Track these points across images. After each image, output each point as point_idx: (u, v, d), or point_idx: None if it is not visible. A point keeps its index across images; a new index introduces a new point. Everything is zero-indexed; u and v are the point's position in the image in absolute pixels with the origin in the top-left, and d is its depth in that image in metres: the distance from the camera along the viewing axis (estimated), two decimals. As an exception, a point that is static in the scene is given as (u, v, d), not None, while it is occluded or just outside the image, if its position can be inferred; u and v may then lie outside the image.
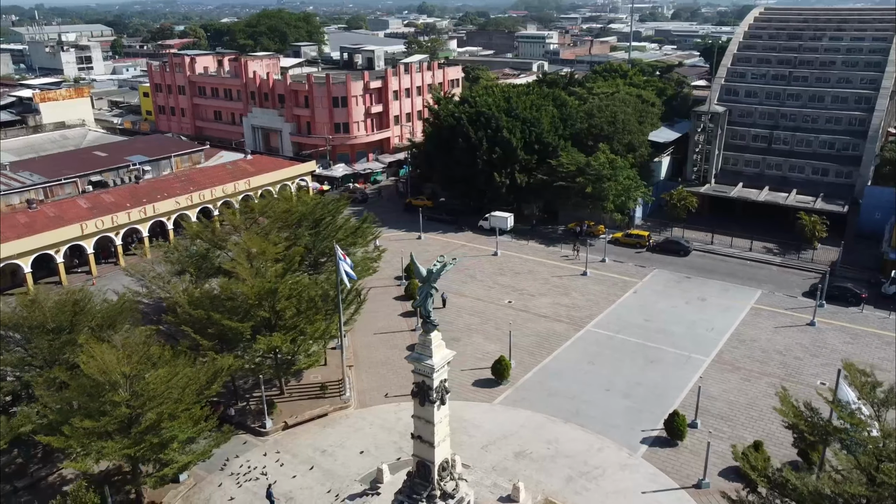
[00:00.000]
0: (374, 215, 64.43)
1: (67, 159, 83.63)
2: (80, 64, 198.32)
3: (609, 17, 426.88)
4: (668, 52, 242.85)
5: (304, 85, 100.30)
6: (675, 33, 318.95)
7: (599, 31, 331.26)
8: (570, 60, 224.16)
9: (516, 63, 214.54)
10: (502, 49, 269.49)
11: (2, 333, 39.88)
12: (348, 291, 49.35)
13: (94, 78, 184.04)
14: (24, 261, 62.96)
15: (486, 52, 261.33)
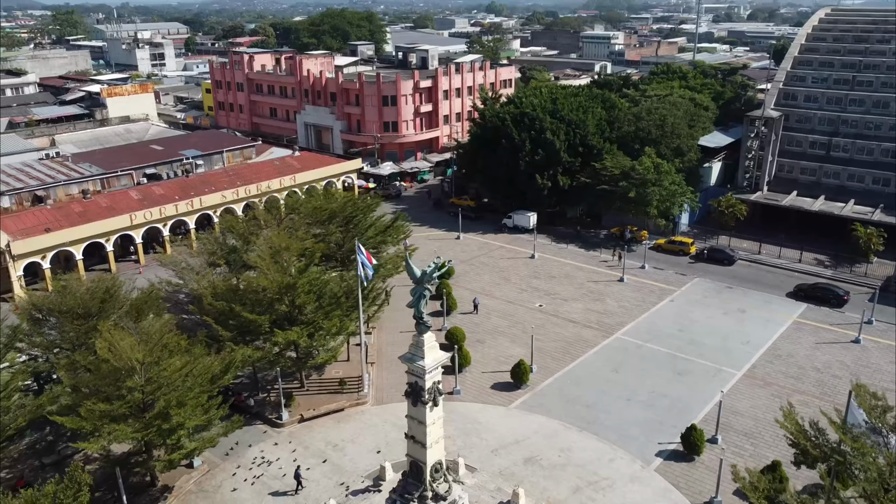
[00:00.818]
0: (406, 214, 64.85)
1: (125, 152, 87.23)
2: (154, 60, 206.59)
3: (680, 18, 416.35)
4: (739, 53, 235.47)
5: (356, 83, 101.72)
6: (749, 34, 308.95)
7: (669, 32, 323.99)
8: (635, 62, 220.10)
9: (578, 64, 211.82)
10: (567, 49, 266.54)
11: (38, 316, 42.01)
12: (368, 289, 49.84)
13: (165, 74, 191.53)
14: (76, 248, 66.03)
15: (550, 53, 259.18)
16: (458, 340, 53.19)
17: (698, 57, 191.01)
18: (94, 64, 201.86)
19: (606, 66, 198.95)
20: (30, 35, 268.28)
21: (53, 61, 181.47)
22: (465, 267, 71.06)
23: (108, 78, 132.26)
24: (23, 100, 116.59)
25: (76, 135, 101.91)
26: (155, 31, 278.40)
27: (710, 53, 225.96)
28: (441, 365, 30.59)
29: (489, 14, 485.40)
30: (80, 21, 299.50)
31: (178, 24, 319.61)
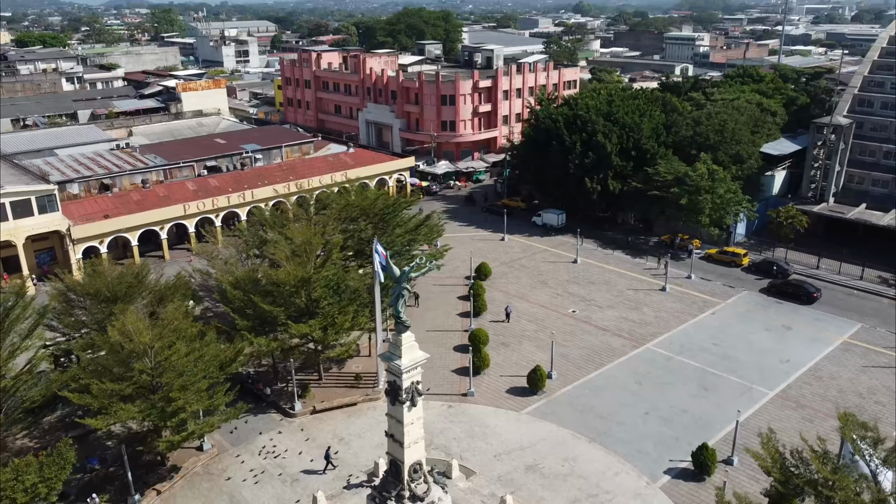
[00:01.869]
0: (445, 213, 64.91)
1: (190, 145, 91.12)
2: (238, 57, 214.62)
3: (776, 19, 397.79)
4: (835, 57, 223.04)
5: (416, 82, 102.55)
6: (850, 36, 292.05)
7: (762, 34, 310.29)
8: (720, 64, 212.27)
9: (658, 65, 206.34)
10: (649, 51, 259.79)
11: (71, 297, 44.52)
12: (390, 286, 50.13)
13: (248, 70, 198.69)
14: (132, 234, 69.52)
15: (632, 54, 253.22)
16: (479, 342, 52.89)
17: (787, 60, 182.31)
18: (182, 60, 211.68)
19: (688, 69, 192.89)
20: (128, 32, 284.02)
21: (145, 57, 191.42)
22: (504, 269, 70.51)
23: (185, 73, 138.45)
24: (108, 93, 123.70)
25: (151, 127, 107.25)
26: (244, 28, 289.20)
27: (802, 56, 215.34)
28: (419, 365, 30.39)
29: (576, 14, 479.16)
30: (176, 19, 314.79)
31: (267, 23, 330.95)
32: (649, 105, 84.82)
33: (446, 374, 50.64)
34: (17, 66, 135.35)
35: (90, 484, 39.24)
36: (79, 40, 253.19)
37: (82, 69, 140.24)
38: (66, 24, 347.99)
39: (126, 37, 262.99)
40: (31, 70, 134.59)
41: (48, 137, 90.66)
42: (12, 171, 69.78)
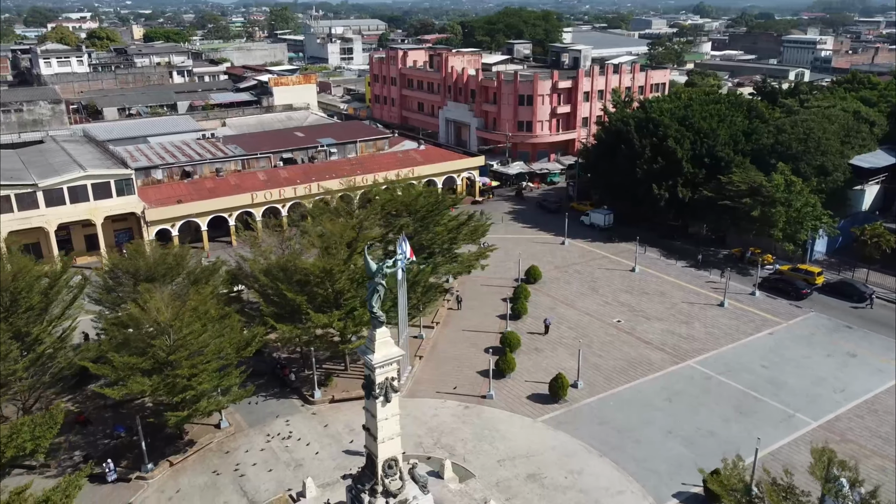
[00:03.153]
0: (488, 213, 64.41)
1: (270, 137, 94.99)
2: (343, 55, 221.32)
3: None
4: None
5: (494, 82, 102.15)
6: None
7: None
8: (843, 69, 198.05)
9: (771, 70, 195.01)
10: (765, 54, 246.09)
11: (117, 274, 47.60)
12: (419, 284, 50.41)
13: (350, 68, 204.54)
14: (202, 220, 73.35)
15: (747, 57, 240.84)
16: (509, 345, 52.28)
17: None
18: (290, 56, 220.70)
19: (803, 74, 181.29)
20: (245, 29, 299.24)
21: (255, 52, 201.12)
22: (557, 273, 69.09)
23: (279, 69, 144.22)
24: (208, 86, 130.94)
25: (243, 119, 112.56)
26: (354, 27, 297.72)
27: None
28: (394, 361, 30.33)
29: (695, 15, 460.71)
30: (292, 17, 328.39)
31: (378, 21, 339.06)
32: (731, 110, 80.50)
33: (471, 375, 50.26)
34: (135, 59, 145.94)
35: (114, 449, 41.82)
36: (202, 36, 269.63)
37: (192, 63, 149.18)
38: (196, 21, 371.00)
39: (243, 33, 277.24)
40: (147, 63, 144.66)
41: (143, 126, 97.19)
42: (99, 156, 75.34)
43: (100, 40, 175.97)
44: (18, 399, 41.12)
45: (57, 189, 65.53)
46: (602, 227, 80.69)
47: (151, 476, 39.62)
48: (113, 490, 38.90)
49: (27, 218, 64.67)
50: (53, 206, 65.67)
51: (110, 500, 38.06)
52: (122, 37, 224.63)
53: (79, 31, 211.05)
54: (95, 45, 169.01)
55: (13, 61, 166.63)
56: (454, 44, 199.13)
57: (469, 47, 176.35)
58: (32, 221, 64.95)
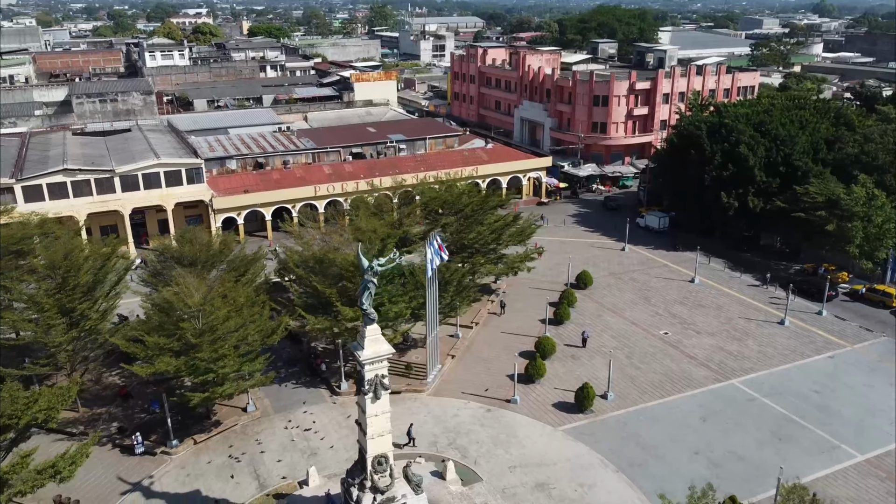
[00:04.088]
0: (542, 215, 63.39)
1: (342, 132, 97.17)
2: (435, 52, 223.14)
3: None
4: None
5: (569, 81, 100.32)
6: None
7: None
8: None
9: (888, 74, 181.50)
10: (885, 57, 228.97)
11: (167, 258, 50.11)
12: (453, 283, 50.33)
13: (439, 65, 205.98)
14: (266, 210, 76.05)
15: (863, 60, 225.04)
16: (543, 351, 51.40)
17: None
18: (384, 52, 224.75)
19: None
20: (343, 26, 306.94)
21: (349, 49, 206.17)
22: (611, 280, 67.20)
23: (362, 65, 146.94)
24: (297, 80, 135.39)
25: (324, 113, 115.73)
26: (451, 24, 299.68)
27: None
28: (384, 359, 30.45)
29: (814, 14, 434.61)
30: (391, 14, 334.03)
31: (476, 19, 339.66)
32: (815, 117, 75.66)
33: (501, 379, 49.67)
34: (232, 53, 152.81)
35: (147, 424, 44.09)
36: (304, 31, 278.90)
37: (285, 58, 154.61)
38: (302, 17, 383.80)
39: (342, 30, 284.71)
40: (242, 58, 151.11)
41: (225, 118, 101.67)
42: (176, 145, 79.47)
43: (203, 35, 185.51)
44: (66, 370, 44.04)
45: (132, 175, 69.71)
46: (657, 229, 79.33)
47: (175, 452, 41.54)
48: (139, 462, 41.06)
49: (105, 201, 69.11)
50: (129, 191, 69.87)
51: (135, 471, 40.19)
52: (232, 32, 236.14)
53: (187, 27, 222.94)
54: (198, 40, 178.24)
55: (126, 54, 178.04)
56: (547, 42, 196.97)
57: (561, 46, 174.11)
58: (109, 205, 69.35)
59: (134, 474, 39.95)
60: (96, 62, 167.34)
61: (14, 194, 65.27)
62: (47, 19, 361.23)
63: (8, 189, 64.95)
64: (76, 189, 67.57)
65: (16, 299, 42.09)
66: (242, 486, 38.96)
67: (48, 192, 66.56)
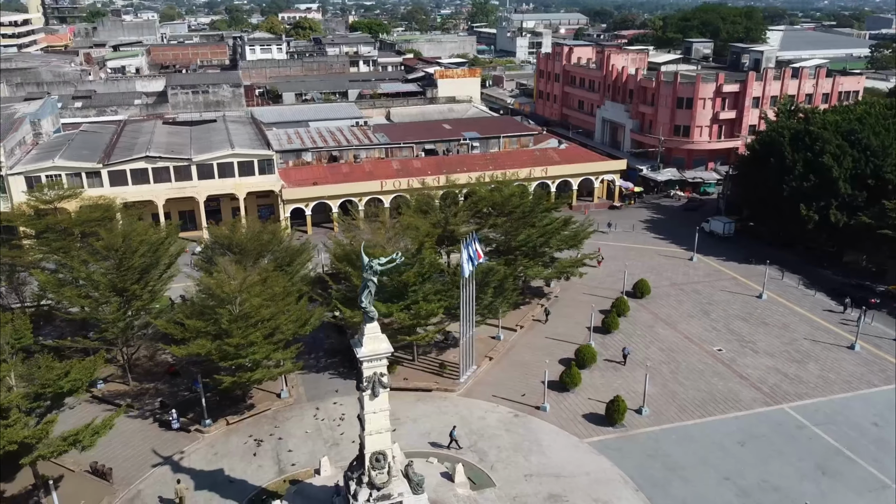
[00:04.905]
0: (603, 221, 61.77)
1: (417, 127, 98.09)
2: (532, 49, 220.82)
3: None
4: None
5: (653, 82, 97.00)
6: None
7: None
8: None
9: None
10: None
11: (218, 245, 52.45)
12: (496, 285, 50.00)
13: (533, 62, 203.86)
14: (333, 202, 78.04)
15: None
16: (582, 359, 50.29)
17: None
18: (479, 49, 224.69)
19: None
20: (442, 22, 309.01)
21: (445, 45, 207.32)
22: (671, 290, 64.66)
23: (448, 61, 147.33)
24: (382, 76, 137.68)
25: (406, 109, 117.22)
26: (554, 21, 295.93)
27: None
28: (383, 357, 30.70)
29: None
30: (492, 10, 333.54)
31: (579, 16, 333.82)
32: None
33: (536, 385, 48.80)
34: (327, 48, 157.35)
35: (188, 402, 46.37)
36: (404, 27, 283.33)
37: (377, 53, 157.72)
38: (407, 13, 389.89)
39: (440, 26, 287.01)
40: (337, 52, 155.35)
41: (306, 111, 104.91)
42: (253, 136, 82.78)
43: (302, 30, 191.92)
44: (117, 345, 46.98)
45: (208, 164, 73.32)
46: (721, 235, 76.84)
47: (208, 431, 43.50)
48: (174, 437, 43.31)
49: (182, 188, 73.08)
50: (204, 179, 73.55)
51: (169, 446, 42.43)
52: (337, 27, 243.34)
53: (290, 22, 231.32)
54: (298, 35, 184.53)
55: (233, 47, 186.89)
56: (649, 40, 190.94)
57: (660, 45, 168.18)
58: (186, 191, 73.27)
59: (167, 448, 42.18)
60: (204, 55, 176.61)
61: (101, 178, 70.13)
62: (171, 13, 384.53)
63: (95, 173, 69.89)
64: (156, 175, 71.83)
65: (77, 276, 45.23)
66: (263, 469, 40.35)
67: (131, 177, 71.12)
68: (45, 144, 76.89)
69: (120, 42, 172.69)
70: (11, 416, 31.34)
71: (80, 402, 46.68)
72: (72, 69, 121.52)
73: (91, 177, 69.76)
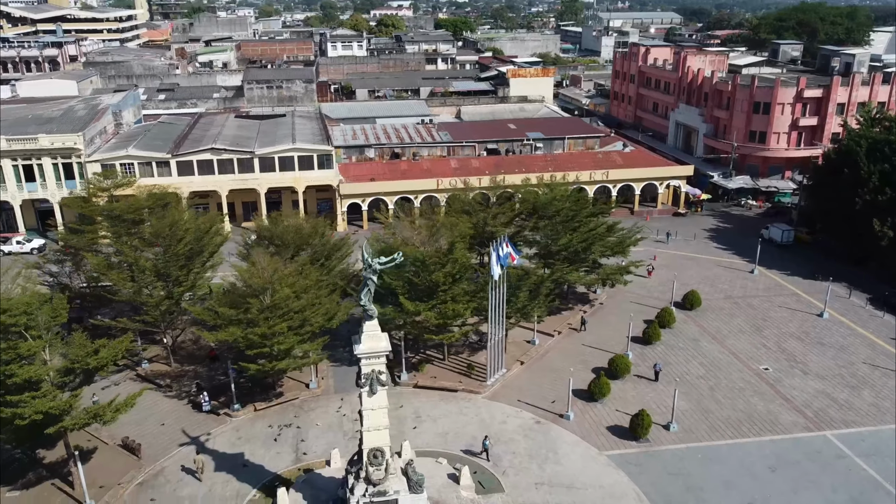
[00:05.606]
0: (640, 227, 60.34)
1: (481, 127, 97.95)
2: (618, 48, 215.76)
3: None
4: None
5: (729, 85, 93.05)
6: None
7: None
8: None
9: None
10: None
11: (264, 237, 54.18)
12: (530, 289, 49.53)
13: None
14: (389, 198, 79.05)
15: None
16: (614, 370, 49.13)
17: None
18: (564, 48, 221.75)
19: None
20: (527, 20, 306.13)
21: (528, 43, 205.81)
22: (724, 304, 62.03)
23: (521, 61, 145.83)
24: (456, 74, 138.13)
25: (476, 108, 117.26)
26: (646, 20, 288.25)
27: None
28: (381, 355, 31.00)
29: None
30: (581, 8, 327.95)
31: (672, 15, 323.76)
32: None
33: (564, 392, 47.95)
34: (406, 46, 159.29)
35: (222, 385, 48.19)
36: (491, 24, 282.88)
37: (455, 51, 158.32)
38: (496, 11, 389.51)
39: (525, 24, 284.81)
40: (416, 50, 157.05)
41: (373, 108, 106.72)
42: (317, 132, 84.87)
43: (385, 27, 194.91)
44: (160, 328, 49.39)
45: (269, 157, 75.80)
46: (779, 242, 74.36)
47: (236, 415, 45.17)
48: (205, 419, 45.18)
49: (244, 180, 75.90)
50: (266, 172, 76.12)
51: (198, 427, 44.31)
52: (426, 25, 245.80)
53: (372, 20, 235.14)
54: (381, 32, 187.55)
55: (319, 44, 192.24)
56: (742, 41, 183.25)
57: (753, 46, 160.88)
58: (248, 183, 76.05)
59: (196, 429, 44.06)
60: (290, 51, 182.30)
61: (170, 168, 73.78)
62: (269, 10, 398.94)
63: (165, 163, 73.60)
64: (221, 167, 74.92)
65: (124, 260, 47.85)
66: (281, 457, 41.54)
67: (197, 167, 74.48)
68: (124, 134, 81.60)
69: (213, 38, 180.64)
70: (42, 388, 33.55)
71: (125, 379, 49.74)
72: (160, 63, 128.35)
73: (161, 166, 73.52)
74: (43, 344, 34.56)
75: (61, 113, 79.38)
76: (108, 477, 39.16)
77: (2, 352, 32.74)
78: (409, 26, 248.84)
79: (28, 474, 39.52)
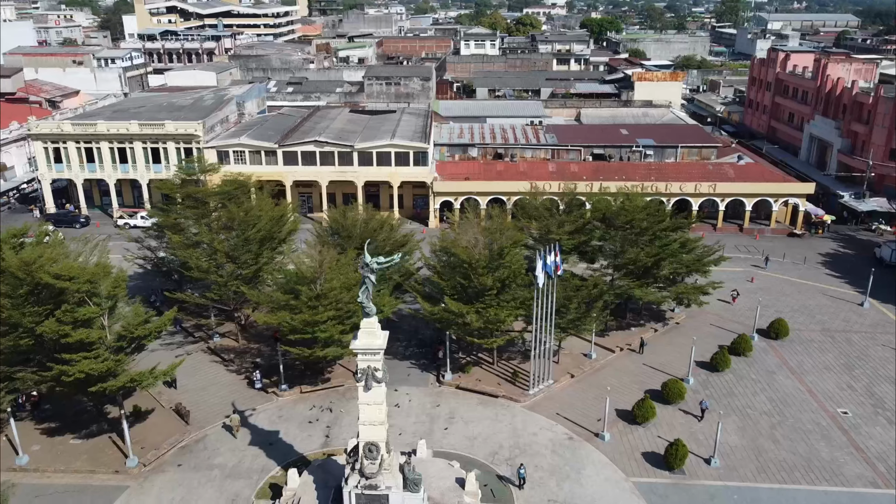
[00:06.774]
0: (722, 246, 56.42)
1: (587, 130, 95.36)
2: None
3: None
4: None
5: (870, 97, 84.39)
6: None
7: None
8: None
9: None
10: None
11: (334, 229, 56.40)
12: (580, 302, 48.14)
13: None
14: (482, 199, 79.28)
15: None
16: (666, 394, 46.74)
17: None
18: (715, 51, 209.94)
19: None
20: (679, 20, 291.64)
21: (674, 45, 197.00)
22: (818, 336, 56.77)
23: (650, 64, 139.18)
24: (580, 75, 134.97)
25: (598, 111, 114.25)
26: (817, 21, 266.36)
27: None
28: (377, 352, 31.66)
29: None
30: (741, 8, 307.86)
31: (848, 17, 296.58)
32: None
33: (612, 412, 46.31)
34: (539, 45, 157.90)
35: (276, 365, 50.79)
36: (640, 24, 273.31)
37: (589, 52, 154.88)
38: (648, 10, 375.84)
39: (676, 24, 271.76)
40: (549, 50, 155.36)
41: (485, 107, 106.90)
42: (418, 130, 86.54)
43: (523, 27, 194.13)
44: (229, 306, 53.02)
45: (368, 152, 78.53)
46: (888, 262, 68.98)
47: (282, 395, 47.65)
48: (254, 395, 48.05)
49: (343, 172, 79.20)
50: (363, 166, 78.95)
51: (246, 402, 47.20)
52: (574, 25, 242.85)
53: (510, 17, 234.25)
54: (518, 31, 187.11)
55: (457, 42, 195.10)
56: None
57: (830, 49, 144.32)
58: (346, 175, 79.27)
59: (244, 404, 46.99)
60: (430, 48, 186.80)
61: (276, 157, 78.53)
62: (424, 7, 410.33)
63: (272, 152, 78.42)
64: (322, 159, 78.68)
65: (200, 241, 51.80)
66: (311, 440, 43.40)
67: (301, 158, 78.69)
68: (244, 123, 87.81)
69: (358, 34, 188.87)
70: (94, 350, 37.36)
71: (197, 350, 53.90)
72: (297, 57, 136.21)
73: (268, 155, 78.46)
74: (101, 311, 38.29)
75: (192, 102, 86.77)
76: (157, 437, 42.82)
77: (63, 314, 36.76)
78: (554, 24, 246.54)
79: (92, 426, 44.08)
